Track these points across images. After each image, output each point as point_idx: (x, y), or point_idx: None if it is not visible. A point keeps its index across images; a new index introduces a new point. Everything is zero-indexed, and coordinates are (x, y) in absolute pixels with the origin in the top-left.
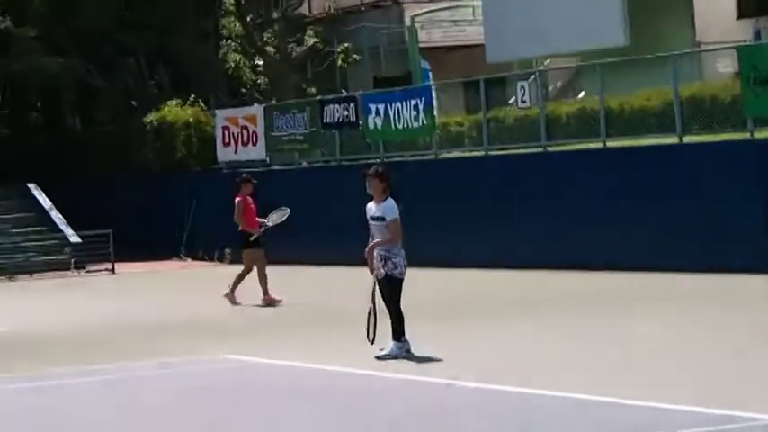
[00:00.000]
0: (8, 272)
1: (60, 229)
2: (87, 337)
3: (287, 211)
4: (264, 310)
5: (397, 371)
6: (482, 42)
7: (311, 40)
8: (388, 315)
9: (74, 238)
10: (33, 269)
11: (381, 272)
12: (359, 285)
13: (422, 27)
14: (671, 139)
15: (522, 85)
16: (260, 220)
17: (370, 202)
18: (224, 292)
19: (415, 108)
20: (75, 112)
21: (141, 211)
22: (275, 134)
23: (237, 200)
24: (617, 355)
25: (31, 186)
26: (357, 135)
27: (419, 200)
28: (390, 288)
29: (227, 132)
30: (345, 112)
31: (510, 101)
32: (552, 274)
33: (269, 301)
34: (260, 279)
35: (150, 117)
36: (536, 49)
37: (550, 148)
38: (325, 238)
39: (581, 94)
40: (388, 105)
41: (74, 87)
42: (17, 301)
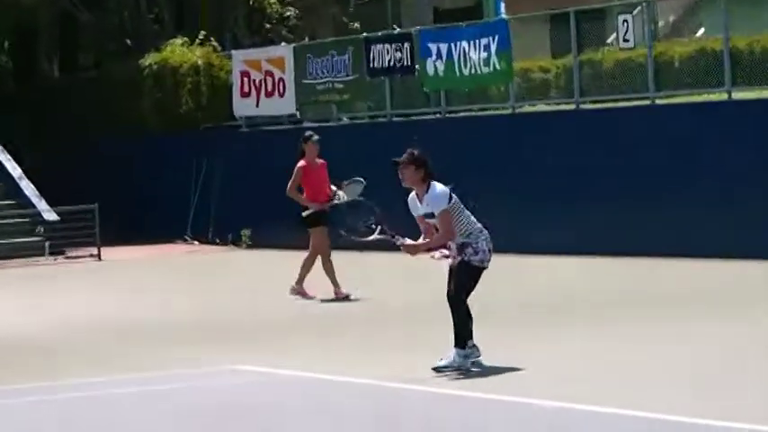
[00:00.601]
0: None
1: (32, 204)
2: (62, 344)
3: (362, 182)
4: (297, 309)
5: (462, 387)
6: None
7: None
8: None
9: (49, 215)
10: None
11: (457, 260)
12: (410, 276)
13: None
14: None
15: (625, 20)
16: (334, 188)
17: (412, 195)
18: (290, 286)
19: (487, 49)
20: (53, 54)
21: (136, 180)
22: (308, 82)
23: (297, 166)
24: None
25: None
26: (412, 83)
27: (491, 166)
28: (462, 275)
29: (246, 79)
30: (398, 54)
31: (609, 40)
32: (661, 263)
33: (299, 292)
34: (304, 265)
35: (148, 60)
36: None
37: (660, 101)
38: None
39: (699, 32)
40: (452, 45)
41: (53, 23)
42: None
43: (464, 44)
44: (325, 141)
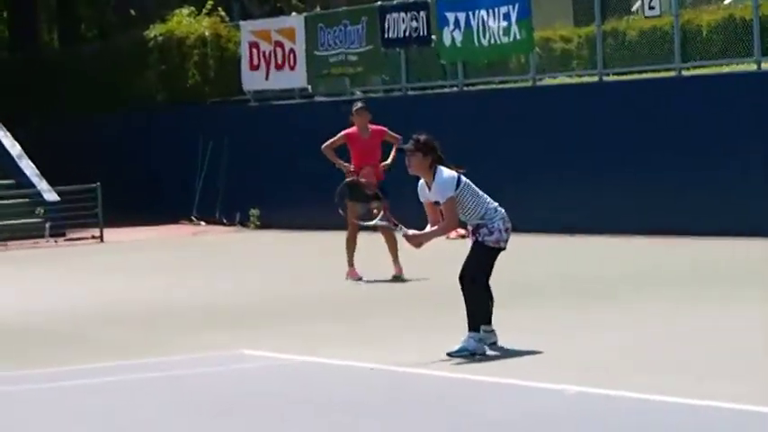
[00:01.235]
0: None
1: (32, 183)
2: (65, 329)
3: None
4: (310, 292)
5: (477, 372)
6: None
7: None
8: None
9: (49, 195)
10: None
11: (472, 239)
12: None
13: None
14: None
15: None
16: (385, 163)
17: (422, 181)
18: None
19: (506, 18)
20: (53, 24)
21: (139, 158)
22: (320, 54)
23: (343, 132)
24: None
25: None
26: (429, 54)
27: (510, 141)
28: (476, 256)
29: (255, 51)
30: (414, 24)
31: (633, 8)
32: (689, 241)
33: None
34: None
35: (153, 31)
36: None
37: (687, 72)
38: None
39: None
40: (470, 14)
41: None
42: None
43: (483, 13)
44: (338, 116)
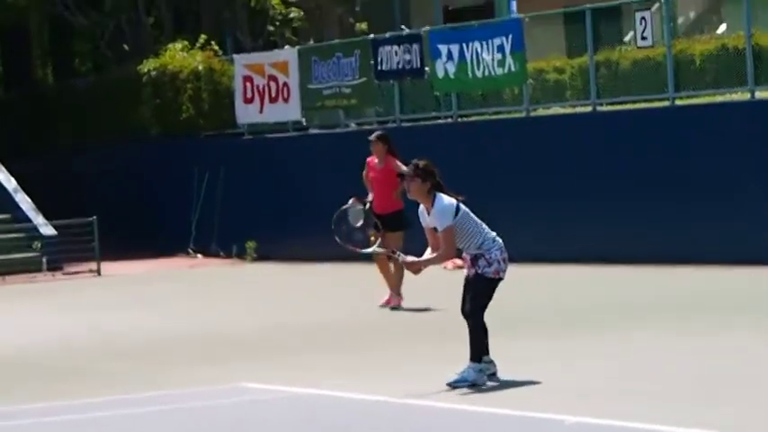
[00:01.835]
0: None
1: (28, 218)
2: (62, 364)
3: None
4: (309, 323)
5: (475, 402)
6: None
7: None
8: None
9: (46, 230)
10: None
11: (471, 271)
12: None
13: None
14: None
15: (643, 17)
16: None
17: (421, 207)
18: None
19: (500, 49)
20: (48, 59)
21: (136, 191)
22: (313, 87)
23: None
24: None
25: None
26: (422, 86)
27: (504, 172)
28: (477, 290)
29: (249, 85)
30: (407, 56)
31: (626, 38)
32: (682, 270)
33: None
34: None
35: (147, 65)
36: None
37: (680, 101)
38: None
39: (721, 28)
40: (464, 46)
41: (45, 26)
42: None
43: (476, 45)
44: (331, 148)
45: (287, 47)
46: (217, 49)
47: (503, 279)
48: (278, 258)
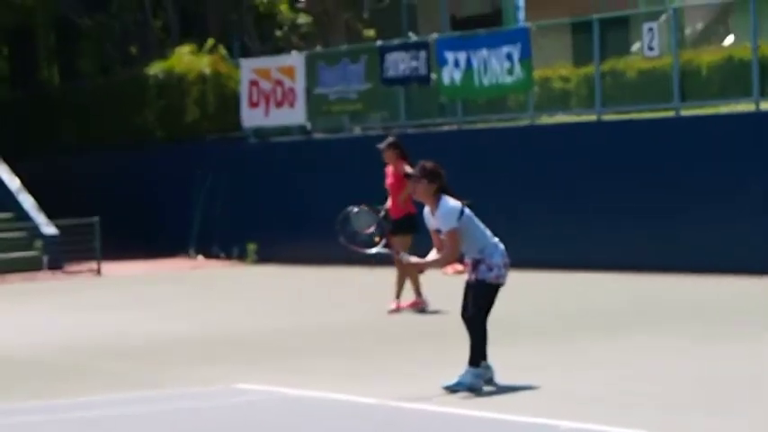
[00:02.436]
0: None
1: (30, 217)
2: (61, 362)
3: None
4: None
5: (474, 407)
6: None
7: None
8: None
9: (48, 229)
10: None
11: (472, 276)
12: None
13: None
14: None
15: (650, 28)
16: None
17: (426, 209)
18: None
19: (508, 57)
20: (53, 60)
21: (138, 192)
22: (320, 92)
23: None
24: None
25: None
26: (429, 93)
27: (508, 179)
28: (477, 295)
29: (255, 89)
30: (414, 63)
31: (633, 48)
32: (685, 279)
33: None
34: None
35: (153, 68)
36: None
37: (686, 111)
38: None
39: (728, 40)
40: (471, 54)
41: (51, 27)
42: None
43: (483, 52)
44: (336, 153)
45: (294, 52)
46: (224, 52)
47: (503, 285)
48: (279, 261)
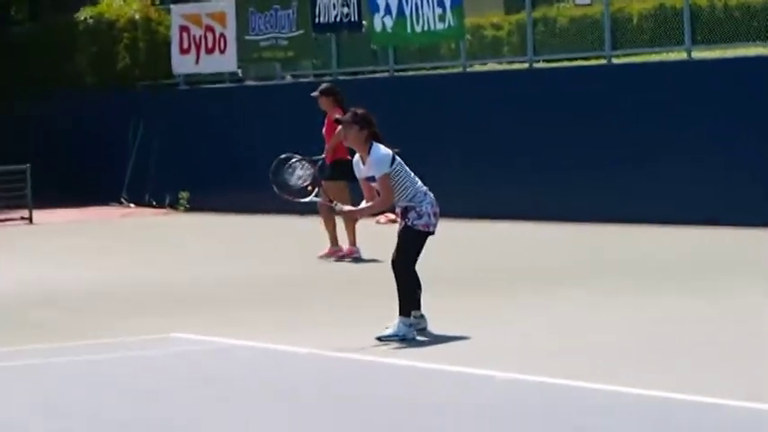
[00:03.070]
0: None
1: None
2: None
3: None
4: (243, 275)
5: (407, 357)
6: None
7: None
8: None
9: None
10: None
11: (401, 223)
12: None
13: None
14: None
15: None
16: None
17: (356, 157)
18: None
19: (440, 4)
20: None
21: (69, 140)
22: (250, 38)
23: None
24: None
25: None
26: (360, 40)
27: (442, 128)
28: (405, 242)
29: (185, 35)
30: (345, 9)
31: None
32: (615, 229)
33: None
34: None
35: (83, 13)
36: None
37: (617, 59)
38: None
39: None
40: (403, 0)
41: None
42: None
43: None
44: (268, 101)
45: None
46: None
47: (433, 234)
48: (211, 209)
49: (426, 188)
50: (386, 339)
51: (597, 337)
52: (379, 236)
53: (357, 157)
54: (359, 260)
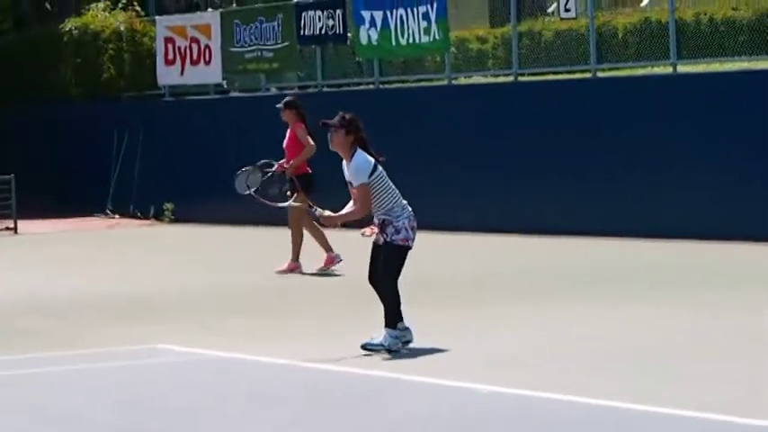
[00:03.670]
0: None
1: None
2: None
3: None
4: (227, 286)
5: (390, 369)
6: None
7: None
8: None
9: None
10: None
11: (380, 238)
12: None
13: None
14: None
15: None
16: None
17: (344, 162)
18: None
19: (425, 17)
20: None
21: (54, 150)
22: (235, 50)
23: None
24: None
25: None
26: (345, 52)
27: (425, 140)
28: (386, 258)
29: (170, 46)
30: (330, 21)
31: (549, 9)
32: (598, 241)
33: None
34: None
35: (68, 24)
36: None
37: (602, 73)
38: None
39: (644, 2)
40: (388, 13)
41: None
42: None
43: (401, 12)
44: (252, 113)
45: (209, 9)
46: (139, 9)
47: (411, 248)
48: (195, 220)
49: (405, 202)
50: (371, 348)
51: (576, 347)
52: (362, 247)
53: (344, 161)
54: (329, 274)
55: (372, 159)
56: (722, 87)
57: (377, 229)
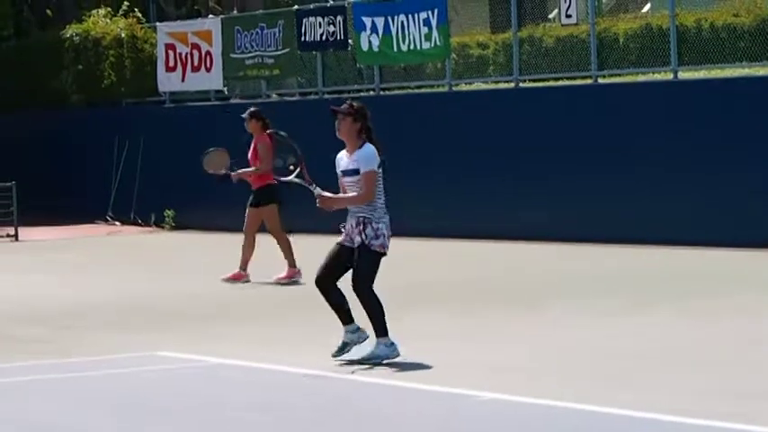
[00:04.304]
0: None
1: None
2: None
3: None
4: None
5: (391, 377)
6: None
7: None
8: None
9: None
10: None
11: (357, 239)
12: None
13: None
14: None
15: None
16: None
17: (342, 152)
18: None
19: (426, 23)
20: None
21: (56, 157)
22: (236, 56)
23: None
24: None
25: None
26: (346, 58)
27: (427, 147)
28: (364, 264)
29: (171, 53)
30: (331, 28)
31: (550, 15)
32: (597, 248)
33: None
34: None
35: (69, 31)
36: None
37: (603, 79)
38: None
39: (646, 8)
40: (389, 19)
41: None
42: None
43: (401, 18)
44: None
45: (210, 16)
46: (140, 16)
47: (386, 255)
48: (196, 227)
49: (385, 208)
50: (367, 361)
51: (571, 354)
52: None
53: (340, 154)
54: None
55: (378, 155)
56: (723, 93)
57: (347, 230)
